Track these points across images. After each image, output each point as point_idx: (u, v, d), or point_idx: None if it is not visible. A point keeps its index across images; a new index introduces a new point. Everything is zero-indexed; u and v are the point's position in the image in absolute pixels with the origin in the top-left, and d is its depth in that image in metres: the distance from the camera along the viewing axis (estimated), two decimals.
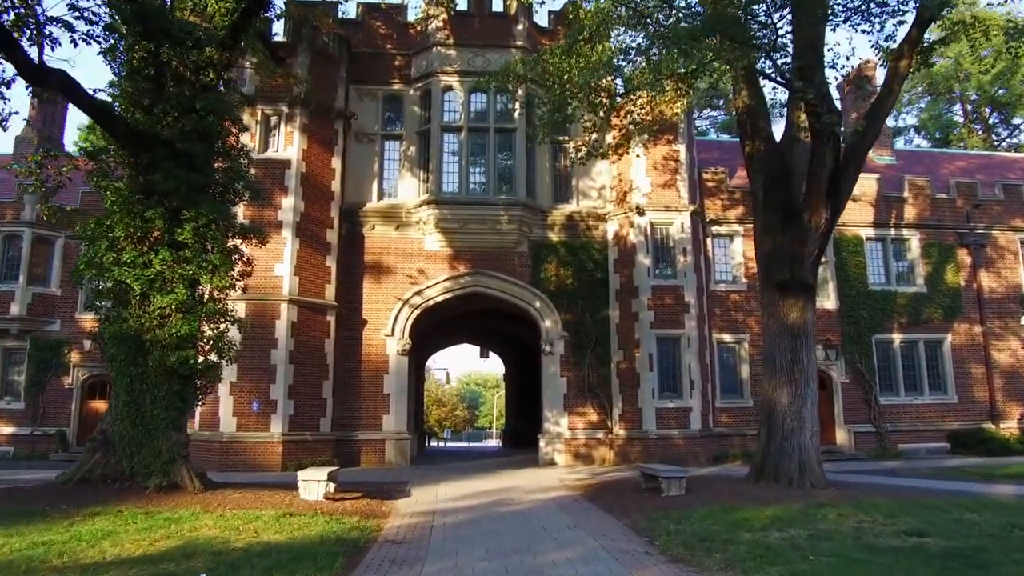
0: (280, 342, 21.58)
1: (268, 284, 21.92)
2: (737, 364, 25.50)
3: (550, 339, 24.12)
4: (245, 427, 21.14)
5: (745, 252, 26.05)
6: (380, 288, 23.98)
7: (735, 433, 24.69)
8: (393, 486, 17.20)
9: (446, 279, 24.15)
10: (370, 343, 23.62)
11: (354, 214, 24.23)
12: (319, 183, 23.27)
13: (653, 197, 24.25)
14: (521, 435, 37.04)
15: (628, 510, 12.86)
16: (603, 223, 24.94)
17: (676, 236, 24.16)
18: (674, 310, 23.62)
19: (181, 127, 14.94)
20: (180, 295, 14.19)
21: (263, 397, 21.28)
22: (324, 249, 23.07)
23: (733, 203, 26.36)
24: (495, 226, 24.01)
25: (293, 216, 22.36)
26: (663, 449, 22.66)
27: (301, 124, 23.01)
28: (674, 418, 23.00)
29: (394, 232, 24.34)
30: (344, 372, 23.32)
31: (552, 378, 24.03)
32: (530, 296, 24.34)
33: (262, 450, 21.03)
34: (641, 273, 23.74)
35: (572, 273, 24.49)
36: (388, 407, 23.28)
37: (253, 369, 21.34)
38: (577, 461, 23.45)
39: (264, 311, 21.71)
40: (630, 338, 23.68)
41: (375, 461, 22.88)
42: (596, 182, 25.50)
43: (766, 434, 15.75)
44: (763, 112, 17.03)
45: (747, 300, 25.71)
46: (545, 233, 24.76)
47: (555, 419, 23.78)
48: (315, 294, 22.57)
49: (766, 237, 16.43)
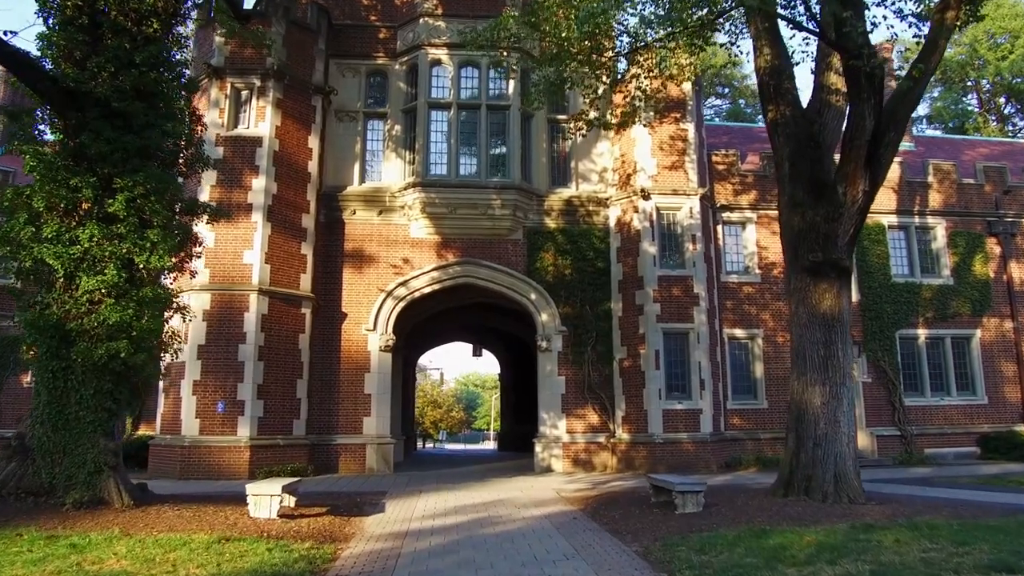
0: (249, 337, 19.35)
1: (235, 272, 19.69)
2: (750, 362, 23.28)
3: (547, 334, 21.90)
4: (209, 430, 18.90)
5: (759, 241, 23.85)
6: (361, 278, 21.76)
7: (748, 437, 22.46)
8: (368, 498, 14.97)
9: (433, 269, 21.94)
10: (350, 338, 21.39)
11: (333, 198, 22.02)
12: (294, 163, 21.05)
13: (659, 180, 22.05)
14: (517, 438, 34.81)
15: (638, 532, 10.64)
16: (605, 208, 22.73)
17: (684, 222, 21.95)
18: (682, 303, 21.40)
19: (119, 84, 12.76)
20: (111, 276, 11.96)
21: (229, 397, 19.04)
22: (299, 235, 20.84)
23: (745, 188, 24.15)
24: (487, 211, 21.80)
25: (265, 199, 20.14)
26: (671, 455, 20.45)
27: (275, 99, 20.79)
28: (683, 421, 20.78)
29: (377, 218, 22.12)
30: (321, 370, 21.09)
31: (549, 377, 21.81)
32: (525, 287, 22.12)
33: (227, 456, 18.79)
34: (646, 262, 21.53)
35: (571, 262, 22.27)
36: (369, 408, 21.04)
37: (218, 366, 19.13)
38: (576, 467, 21.22)
39: (231, 303, 19.48)
40: (634, 333, 21.47)
41: (355, 468, 20.64)
42: (597, 164, 23.29)
43: (795, 440, 13.52)
44: (788, 72, 14.82)
45: (760, 293, 23.50)
46: (541, 219, 22.56)
47: (552, 422, 21.56)
48: (288, 284, 20.34)
49: (794, 214, 14.22)
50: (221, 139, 20.40)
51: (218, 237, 19.80)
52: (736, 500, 13.35)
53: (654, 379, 20.84)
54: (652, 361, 20.94)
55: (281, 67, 20.81)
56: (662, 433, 20.56)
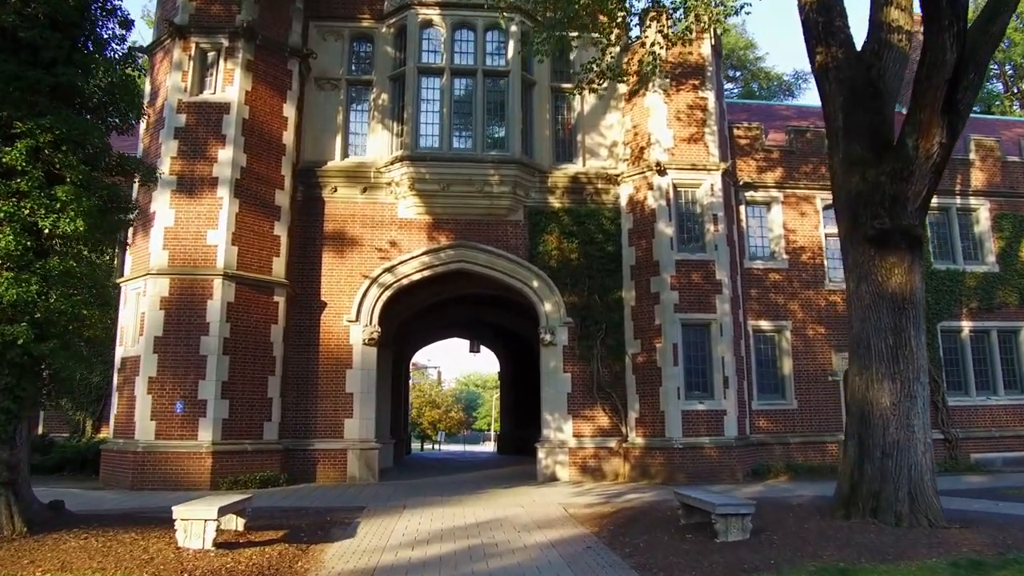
0: (212, 327, 16.80)
1: (197, 255, 17.15)
2: (777, 357, 20.70)
3: (550, 326, 19.34)
4: (166, 434, 16.35)
5: (786, 223, 21.28)
6: (343, 264, 19.21)
7: (776, 442, 19.90)
8: (339, 516, 12.44)
9: (424, 253, 19.38)
10: (330, 331, 18.84)
11: (312, 174, 19.48)
12: (267, 133, 18.50)
13: (676, 153, 19.50)
14: (518, 440, 32.25)
15: (673, 570, 8.10)
16: (615, 186, 20.17)
17: (704, 200, 19.40)
18: (703, 290, 18.85)
19: (29, 12, 10.23)
20: (6, 244, 9.42)
21: (189, 396, 16.49)
22: (272, 214, 18.29)
23: (770, 164, 21.59)
24: (483, 188, 19.25)
25: (232, 171, 17.58)
26: (691, 462, 17.90)
27: (244, 61, 18.24)
28: (704, 423, 18.22)
29: (360, 196, 19.57)
30: (296, 366, 18.54)
31: (553, 374, 19.25)
32: (526, 274, 19.57)
33: (187, 463, 16.23)
34: (662, 245, 18.97)
35: (577, 246, 19.72)
36: (351, 409, 18.48)
37: (178, 361, 16.58)
38: (584, 476, 18.67)
39: (192, 289, 16.94)
40: (649, 325, 18.91)
41: (335, 476, 18.09)
42: (606, 138, 20.74)
43: (857, 448, 10.95)
44: (839, 8, 12.30)
45: (788, 280, 20.93)
46: (545, 198, 20.01)
47: (557, 424, 19.00)
48: (259, 269, 17.79)
49: (852, 174, 11.65)
50: (184, 105, 17.87)
51: (179, 214, 17.29)
52: (785, 521, 10.78)
53: (672, 376, 18.29)
54: (670, 356, 18.38)
55: (252, 25, 18.26)
56: (681, 437, 18.00)
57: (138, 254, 17.77)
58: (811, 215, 21.43)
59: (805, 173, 21.60)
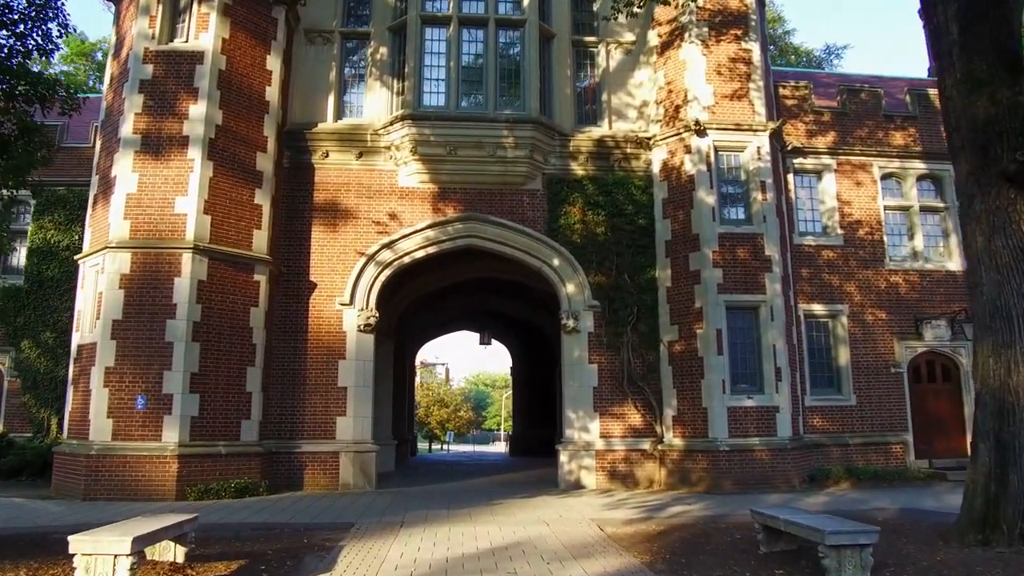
0: (180, 309, 14.21)
1: (164, 225, 14.57)
2: (832, 346, 17.95)
3: (573, 311, 16.67)
4: (125, 434, 13.76)
5: (839, 193, 18.53)
6: (335, 238, 16.59)
7: (833, 443, 17.15)
8: (320, 536, 9.82)
9: (428, 227, 16.73)
10: (320, 315, 16.22)
11: (300, 137, 16.87)
12: (247, 88, 15.90)
13: (717, 112, 16.80)
14: (531, 441, 29.64)
15: None
16: (646, 151, 17.48)
17: (750, 165, 16.69)
18: (751, 268, 16.14)
19: None
20: None
21: (153, 390, 13.90)
22: (252, 180, 15.69)
23: (821, 128, 18.84)
24: (496, 152, 16.60)
25: (205, 130, 14.99)
26: (739, 466, 15.19)
27: (221, 4, 15.64)
28: (754, 421, 15.51)
29: (356, 162, 16.94)
30: (281, 356, 15.94)
31: (577, 366, 16.57)
32: (545, 251, 16.90)
33: (148, 468, 13.64)
34: (703, 216, 16.27)
35: (604, 219, 17.04)
36: (344, 406, 15.85)
37: (139, 348, 14.01)
38: (614, 482, 15.98)
39: (157, 264, 14.36)
40: (688, 308, 16.22)
41: (325, 483, 15.47)
42: (635, 97, 18.05)
43: (996, 453, 8.26)
44: None
45: (844, 259, 18.19)
46: (566, 164, 17.34)
47: (582, 423, 16.31)
48: (237, 242, 15.19)
49: (977, 97, 8.94)
50: (151, 55, 15.30)
51: (143, 179, 14.73)
52: (903, 550, 8.06)
53: (715, 367, 15.59)
54: (712, 344, 15.68)
55: None
56: (727, 438, 15.30)
57: (97, 226, 15.22)
58: (868, 185, 18.68)
59: (860, 138, 18.85)
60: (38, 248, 19.41)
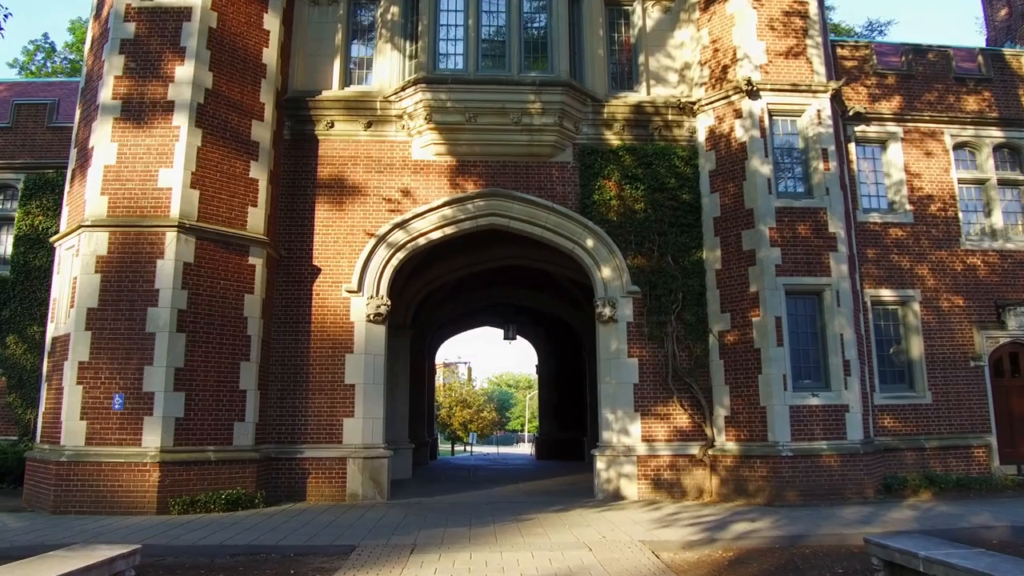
0: (163, 296, 12.33)
1: (145, 200, 12.70)
2: (903, 336, 15.69)
3: (610, 297, 14.58)
4: (100, 437, 11.91)
5: (907, 165, 16.27)
6: (342, 218, 14.64)
7: (907, 446, 14.90)
8: (309, 568, 7.85)
9: (445, 204, 14.73)
10: (325, 304, 14.28)
11: (302, 106, 14.94)
12: (241, 49, 14.01)
13: (771, 71, 14.65)
14: (559, 444, 27.57)
15: None
16: (690, 118, 15.35)
17: (810, 131, 14.52)
18: (813, 247, 13.96)
19: None
20: None
21: (132, 387, 12.04)
22: (247, 151, 13.78)
23: (885, 92, 16.59)
24: (521, 119, 14.57)
25: (193, 94, 13.12)
26: (804, 474, 13.01)
27: None
28: (820, 422, 13.33)
29: (364, 132, 14.99)
30: (280, 349, 14.03)
31: (614, 360, 14.46)
32: (577, 230, 14.83)
33: (126, 477, 11.76)
34: (757, 188, 14.12)
35: (643, 194, 14.93)
36: (352, 406, 13.89)
37: (117, 340, 12.15)
38: (658, 492, 13.86)
39: (138, 245, 12.50)
40: (741, 293, 14.08)
41: (331, 493, 13.51)
42: (675, 59, 15.94)
43: None
44: None
45: (915, 238, 15.93)
46: (599, 133, 15.27)
47: (620, 425, 14.21)
48: (229, 220, 13.28)
49: None
50: (133, 11, 13.46)
51: (123, 149, 12.89)
52: None
53: (775, 360, 13.43)
54: (771, 333, 13.53)
55: None
56: (789, 442, 13.13)
57: (74, 203, 13.41)
58: (939, 155, 16.40)
59: (929, 103, 16.58)
60: (25, 235, 17.66)
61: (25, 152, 18.26)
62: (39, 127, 18.37)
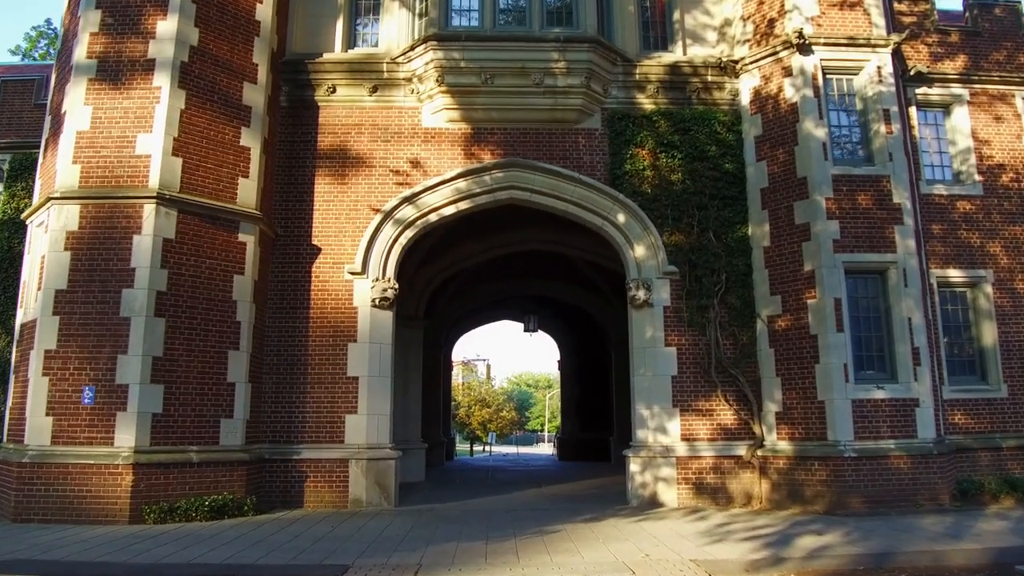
0: (139, 275, 10.79)
1: (122, 169, 11.18)
2: (973, 322, 13.83)
3: (644, 279, 12.86)
4: (69, 435, 10.39)
5: (975, 131, 14.41)
6: (344, 192, 13.05)
7: (981, 446, 13.03)
8: None
9: (459, 176, 13.08)
10: (325, 287, 12.69)
11: (301, 69, 13.37)
12: (232, 3, 12.40)
13: (824, 23, 12.88)
14: (582, 444, 25.86)
15: None
16: (731, 78, 13.60)
17: (869, 90, 12.73)
18: (875, 219, 12.18)
19: None
20: None
21: (104, 379, 10.51)
22: (238, 116, 12.21)
23: (948, 51, 14.74)
24: (544, 80, 12.91)
25: (176, 51, 11.58)
26: (870, 478, 11.23)
27: None
28: (887, 419, 11.54)
29: (369, 98, 13.38)
30: (276, 337, 12.46)
31: (649, 349, 12.73)
32: (607, 204, 13.13)
33: (96, 481, 10.22)
34: (811, 154, 12.34)
35: (681, 163, 13.21)
36: (355, 401, 12.27)
37: (88, 326, 10.64)
38: (701, 498, 12.13)
39: (113, 219, 10.98)
40: (794, 272, 12.31)
41: (331, 498, 11.91)
42: (713, 16, 14.20)
43: None
44: None
45: (985, 212, 14.06)
46: (631, 96, 13.56)
47: (656, 422, 12.48)
48: (216, 193, 11.72)
49: None
50: None
51: (97, 113, 11.38)
52: None
53: (834, 348, 11.64)
54: (830, 317, 11.75)
55: None
56: (853, 440, 11.35)
57: (46, 175, 11.93)
58: (1010, 120, 14.53)
59: (998, 63, 14.71)
60: (9, 219, 16.23)
61: (11, 131, 16.90)
62: (26, 105, 17.02)
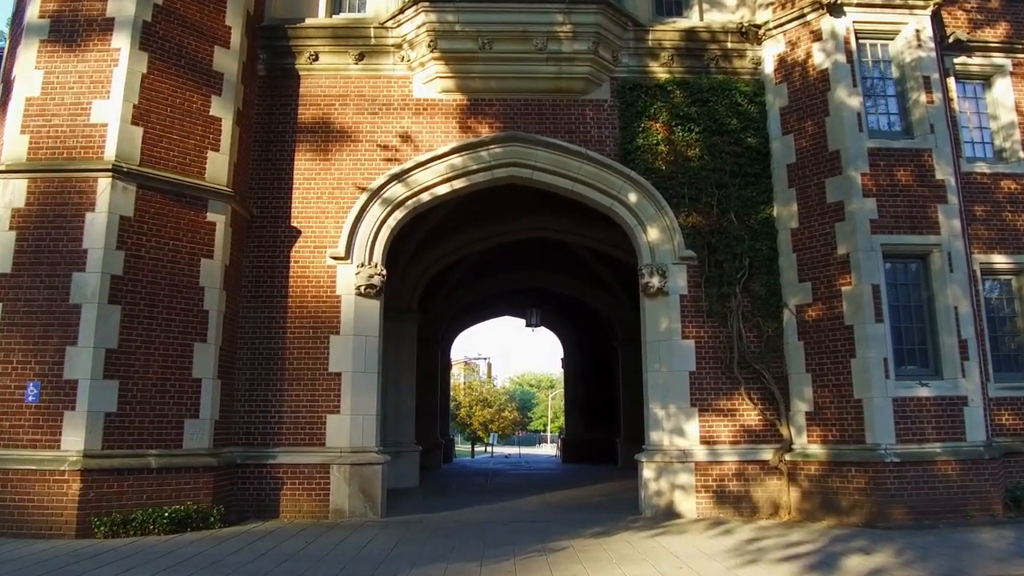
0: (92, 258, 9.51)
1: (75, 139, 9.91)
2: (1020, 313, 12.49)
3: (659, 264, 11.55)
4: (10, 437, 9.13)
5: (1020, 104, 13.07)
6: (327, 170, 11.76)
7: None
8: None
9: (454, 151, 11.77)
10: (305, 273, 11.40)
11: (280, 35, 12.09)
12: None
13: None
14: (587, 445, 24.59)
15: None
16: (753, 46, 12.28)
17: (907, 56, 11.43)
18: (916, 197, 10.88)
19: None
20: None
21: (50, 374, 9.23)
22: (207, 83, 10.92)
23: (988, 18, 13.40)
24: (548, 45, 11.61)
25: (137, 9, 10.29)
26: (915, 485, 9.93)
27: None
28: (932, 419, 10.24)
29: (354, 66, 12.09)
30: (250, 329, 11.17)
31: (664, 342, 11.42)
32: (618, 182, 11.82)
33: (39, 488, 8.94)
34: (844, 125, 11.02)
35: (698, 137, 11.89)
36: (337, 399, 10.98)
37: (33, 313, 9.37)
38: (723, 508, 10.81)
39: (64, 194, 9.71)
40: (826, 256, 10.99)
41: (311, 508, 10.62)
42: None
43: None
44: None
45: None
46: (643, 64, 12.25)
47: (672, 423, 11.16)
48: (182, 167, 10.43)
49: None
50: None
51: (49, 77, 10.12)
52: None
53: (873, 340, 10.33)
54: (868, 306, 10.43)
55: None
56: (895, 444, 10.04)
57: None
58: None
59: None
60: None
61: None
62: None
